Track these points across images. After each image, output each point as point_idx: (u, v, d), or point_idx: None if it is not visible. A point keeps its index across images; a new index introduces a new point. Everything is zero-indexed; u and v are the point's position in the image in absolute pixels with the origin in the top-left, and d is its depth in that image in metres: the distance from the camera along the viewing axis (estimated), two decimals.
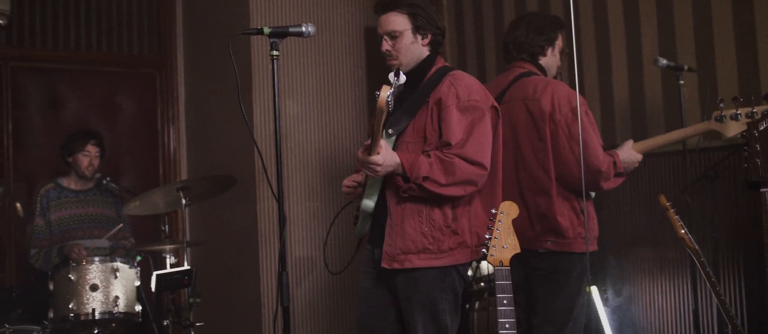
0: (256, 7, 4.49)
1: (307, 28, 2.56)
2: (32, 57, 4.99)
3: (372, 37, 4.76)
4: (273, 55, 2.50)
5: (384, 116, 2.41)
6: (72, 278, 3.48)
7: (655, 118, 3.93)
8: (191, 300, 3.66)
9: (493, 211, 2.44)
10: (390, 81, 2.42)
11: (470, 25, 5.01)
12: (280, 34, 2.52)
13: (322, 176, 4.61)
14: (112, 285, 3.52)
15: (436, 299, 2.68)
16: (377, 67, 4.82)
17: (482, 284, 3.94)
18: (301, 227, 4.48)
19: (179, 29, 5.39)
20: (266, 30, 2.49)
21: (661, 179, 3.77)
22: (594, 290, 2.96)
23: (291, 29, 2.54)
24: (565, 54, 3.23)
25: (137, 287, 3.62)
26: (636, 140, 3.14)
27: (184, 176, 5.28)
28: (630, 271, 3.80)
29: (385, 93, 2.33)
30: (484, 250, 2.42)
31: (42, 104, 4.99)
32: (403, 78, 2.46)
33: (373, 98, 4.78)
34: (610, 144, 3.49)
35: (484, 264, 3.95)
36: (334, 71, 4.67)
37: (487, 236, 2.43)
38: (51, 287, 3.53)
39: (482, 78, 4.76)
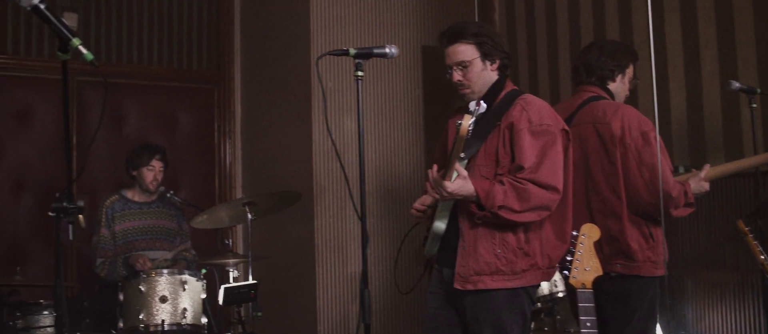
0: (316, 25, 4.57)
1: (391, 50, 2.61)
2: (97, 72, 5.10)
3: (429, 56, 4.82)
4: (358, 76, 2.56)
5: (463, 144, 2.46)
6: (142, 289, 3.55)
7: (714, 140, 3.92)
8: (255, 314, 3.72)
9: (574, 233, 2.46)
10: (471, 110, 2.45)
11: (523, 41, 5.03)
12: (364, 55, 2.57)
13: (378, 193, 4.66)
14: (180, 297, 3.59)
15: (504, 319, 2.70)
16: (434, 85, 4.87)
17: (538, 304, 3.95)
18: (357, 244, 4.52)
19: (237, 46, 5.50)
20: (352, 51, 2.55)
21: (725, 202, 3.75)
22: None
23: (375, 51, 2.59)
24: (635, 84, 3.25)
25: (203, 300, 3.68)
26: (694, 163, 3.14)
27: (239, 190, 5.36)
28: (695, 294, 3.78)
29: (468, 122, 2.38)
30: (565, 272, 2.44)
31: (105, 118, 5.11)
32: (483, 107, 2.49)
33: (431, 117, 4.84)
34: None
35: (544, 285, 3.95)
36: (391, 89, 4.73)
37: (568, 258, 2.45)
38: (121, 297, 3.60)
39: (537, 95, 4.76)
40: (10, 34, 4.97)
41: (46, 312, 3.74)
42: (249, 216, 3.73)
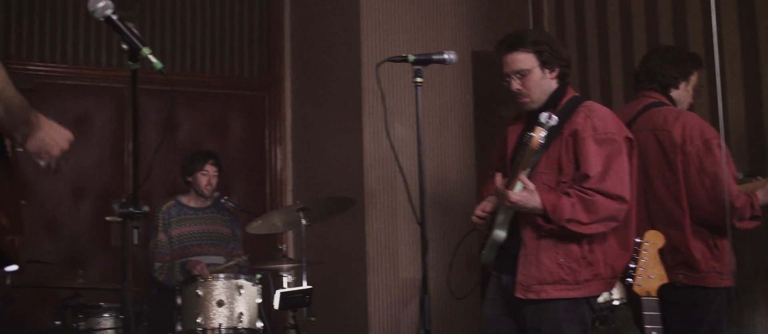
0: (366, 31, 4.59)
1: (449, 56, 2.62)
2: (151, 79, 5.19)
3: (479, 61, 4.80)
4: (417, 82, 2.57)
5: (532, 157, 2.45)
6: (199, 293, 3.60)
7: None
8: (309, 319, 3.75)
9: (638, 240, 2.43)
10: (542, 122, 2.43)
11: (573, 46, 4.98)
12: (423, 61, 2.59)
13: (428, 199, 4.63)
14: (236, 301, 3.64)
15: (564, 329, 2.68)
16: (484, 91, 4.85)
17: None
18: (408, 249, 4.53)
19: (287, 53, 5.56)
20: (411, 58, 2.57)
21: None
22: None
23: (434, 57, 2.60)
24: (700, 92, 3.19)
25: (259, 304, 3.72)
26: (756, 170, 3.07)
27: (289, 196, 5.41)
28: (766, 306, 3.68)
29: (539, 134, 2.36)
30: (629, 279, 2.41)
31: (158, 125, 5.22)
32: (555, 119, 2.46)
33: (481, 123, 4.83)
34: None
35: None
36: (442, 95, 4.72)
37: (631, 266, 2.42)
38: (179, 301, 3.66)
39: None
40: (70, 43, 5.11)
41: (106, 315, 3.83)
42: (303, 222, 3.76)
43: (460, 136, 4.74)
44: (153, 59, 2.10)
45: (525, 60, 2.73)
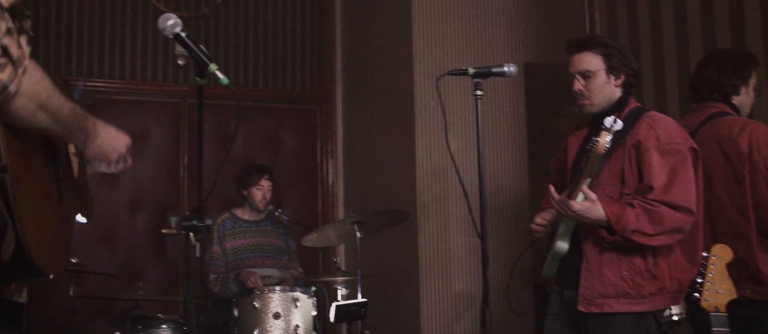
0: (418, 44, 4.60)
1: (510, 69, 2.61)
2: (206, 94, 5.29)
3: (531, 73, 4.77)
4: (476, 95, 2.56)
5: (598, 162, 2.41)
6: (256, 305, 3.64)
7: None
8: (364, 332, 3.75)
9: (705, 254, 2.38)
10: (607, 126, 2.40)
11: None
12: (483, 74, 2.59)
13: (478, 211, 4.61)
14: (292, 314, 3.66)
15: None
16: (537, 102, 4.82)
17: None
18: (461, 262, 4.51)
19: (338, 66, 5.60)
20: (471, 71, 2.56)
21: None
22: None
23: (494, 70, 2.60)
24: (760, 91, 3.12)
25: (314, 317, 3.74)
26: None
27: (341, 209, 5.44)
28: None
29: (605, 139, 2.33)
30: (696, 294, 2.35)
31: (213, 138, 5.30)
32: (619, 124, 2.43)
33: (534, 135, 4.79)
34: None
35: None
36: (494, 106, 4.70)
37: (699, 280, 2.36)
38: (235, 313, 3.70)
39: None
40: (127, 60, 5.24)
41: (164, 326, 3.88)
42: (358, 235, 3.77)
43: (513, 148, 4.72)
44: (220, 75, 2.14)
45: (592, 61, 2.71)
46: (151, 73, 5.28)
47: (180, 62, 5.28)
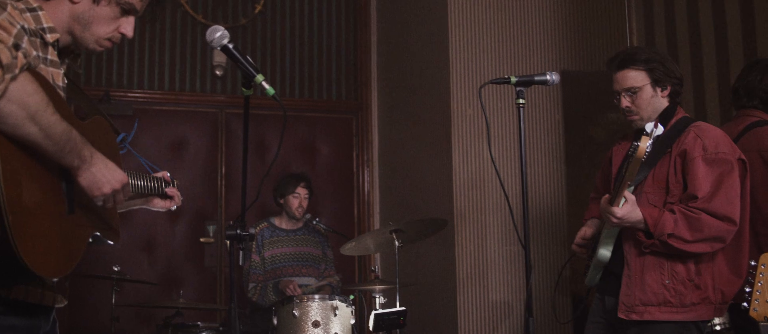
0: (455, 52, 4.60)
1: (552, 77, 2.60)
2: (239, 103, 5.37)
3: (568, 81, 4.75)
4: (519, 104, 2.56)
5: (638, 167, 2.40)
6: (296, 314, 3.66)
7: None
8: None
9: (753, 263, 2.34)
10: (647, 131, 2.39)
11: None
12: (525, 82, 2.58)
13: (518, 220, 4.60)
14: (331, 322, 3.68)
15: None
16: (574, 111, 4.79)
17: None
18: (497, 271, 4.49)
19: (374, 75, 5.63)
20: (513, 79, 2.56)
21: None
22: None
23: (536, 78, 2.59)
24: None
25: (352, 325, 3.76)
26: None
27: (377, 217, 5.45)
28: None
29: (645, 144, 2.32)
30: (744, 304, 2.32)
31: (250, 147, 5.34)
32: (660, 129, 2.42)
33: (571, 143, 4.76)
34: None
35: None
36: (531, 114, 4.68)
37: (746, 289, 2.32)
38: (275, 321, 3.73)
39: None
40: (166, 70, 5.32)
41: (204, 333, 3.92)
42: (396, 243, 3.78)
43: (550, 156, 4.69)
44: (266, 86, 2.16)
45: (636, 77, 2.70)
46: (189, 84, 5.35)
47: (217, 73, 5.35)
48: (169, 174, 2.45)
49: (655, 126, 2.39)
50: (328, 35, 5.63)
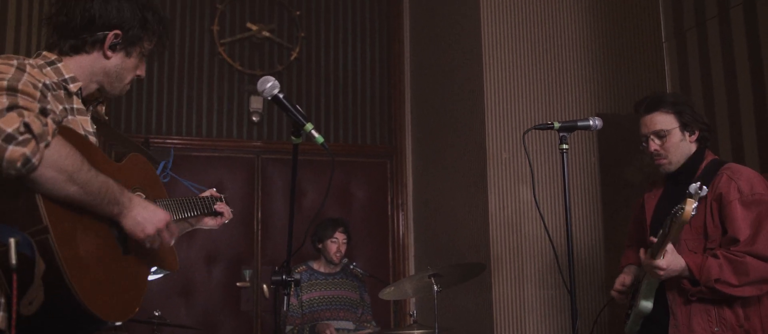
0: (489, 96, 4.63)
1: (595, 122, 2.62)
2: (278, 149, 5.45)
3: (604, 124, 4.74)
4: (563, 149, 2.58)
5: (681, 230, 2.39)
6: None
7: None
8: None
9: None
10: (692, 193, 2.38)
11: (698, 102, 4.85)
12: (569, 128, 2.61)
13: (554, 263, 4.58)
14: None
15: None
16: (609, 153, 4.78)
17: None
18: (535, 314, 4.45)
19: (408, 119, 5.68)
20: (556, 125, 2.58)
21: None
22: None
23: (579, 124, 2.62)
24: None
25: None
26: None
27: (412, 261, 5.44)
28: None
29: (691, 207, 2.30)
30: None
31: (285, 192, 5.41)
32: (705, 190, 2.40)
33: (607, 186, 4.74)
34: None
35: None
36: (567, 157, 4.67)
37: None
38: None
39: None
40: (204, 117, 5.42)
41: None
42: (435, 288, 3.77)
43: (586, 199, 4.68)
44: (315, 134, 2.20)
45: (665, 121, 2.71)
46: (226, 130, 5.44)
47: (254, 119, 5.43)
48: (215, 190, 2.51)
49: (700, 188, 2.36)
50: (363, 80, 5.71)
